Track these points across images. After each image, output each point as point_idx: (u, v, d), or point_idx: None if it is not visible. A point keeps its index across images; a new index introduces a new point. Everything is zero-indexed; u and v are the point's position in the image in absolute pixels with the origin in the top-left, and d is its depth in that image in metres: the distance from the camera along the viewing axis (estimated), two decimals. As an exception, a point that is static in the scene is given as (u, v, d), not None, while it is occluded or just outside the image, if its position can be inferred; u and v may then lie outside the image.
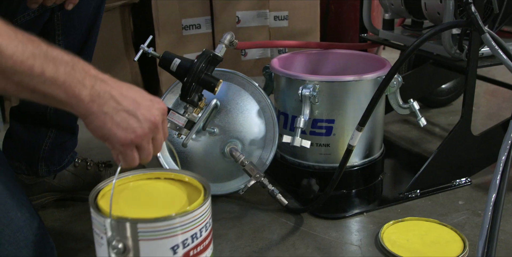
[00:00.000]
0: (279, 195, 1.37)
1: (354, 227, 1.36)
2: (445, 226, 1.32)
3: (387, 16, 1.77)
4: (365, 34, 1.85)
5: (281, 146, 1.49)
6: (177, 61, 1.25)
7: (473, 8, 1.07)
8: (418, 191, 1.48)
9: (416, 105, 1.47)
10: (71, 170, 1.46)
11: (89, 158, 1.51)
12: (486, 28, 1.09)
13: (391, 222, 1.34)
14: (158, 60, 1.27)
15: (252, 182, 1.36)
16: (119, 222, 0.81)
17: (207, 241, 0.89)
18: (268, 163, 1.43)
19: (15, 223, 0.88)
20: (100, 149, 1.83)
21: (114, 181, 0.89)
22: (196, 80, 1.24)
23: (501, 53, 1.09)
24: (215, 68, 1.31)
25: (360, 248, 1.27)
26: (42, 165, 1.41)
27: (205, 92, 1.29)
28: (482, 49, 1.47)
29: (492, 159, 1.59)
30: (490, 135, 1.53)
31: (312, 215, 1.40)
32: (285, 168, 1.53)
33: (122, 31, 2.13)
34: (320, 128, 1.42)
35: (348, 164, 1.39)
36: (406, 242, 1.27)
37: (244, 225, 1.37)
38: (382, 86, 1.22)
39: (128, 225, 0.81)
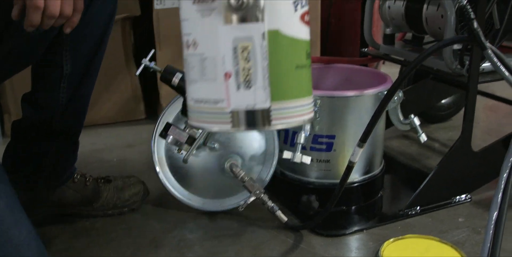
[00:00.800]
0: (279, 211, 1.37)
1: (354, 245, 1.35)
2: (446, 243, 1.31)
3: (388, 31, 1.77)
4: (365, 49, 1.85)
5: (281, 161, 1.48)
6: (178, 76, 1.25)
7: (475, 24, 1.06)
8: (418, 207, 1.47)
9: (416, 121, 1.47)
10: (70, 186, 1.45)
11: (88, 173, 1.50)
12: (488, 44, 1.08)
13: (391, 240, 1.33)
14: (159, 74, 1.27)
15: (252, 199, 1.35)
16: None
17: None
18: (268, 179, 1.42)
19: (14, 241, 0.87)
20: (99, 162, 1.82)
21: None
22: None
23: (503, 69, 1.08)
24: None
25: (360, 265, 1.26)
26: (41, 180, 1.41)
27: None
28: (483, 65, 1.47)
29: (492, 175, 1.59)
30: (490, 151, 1.53)
31: (312, 232, 1.39)
32: (285, 184, 1.52)
33: (122, 44, 2.14)
34: (321, 144, 1.42)
35: (348, 181, 1.39)
36: (407, 260, 1.26)
37: (243, 242, 1.36)
38: (384, 102, 1.22)
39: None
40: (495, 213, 1.04)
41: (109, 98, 2.17)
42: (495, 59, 1.03)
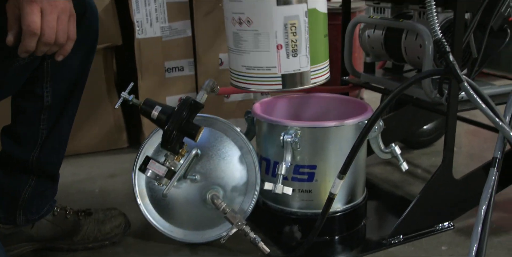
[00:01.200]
0: (261, 243, 1.36)
1: (337, 275, 1.34)
2: (429, 273, 1.31)
3: (368, 59, 1.79)
4: (346, 77, 1.86)
5: (263, 191, 1.47)
6: (158, 108, 1.25)
7: (451, 57, 1.08)
8: (401, 236, 1.47)
9: (397, 150, 1.47)
10: (49, 219, 1.43)
11: (68, 206, 1.49)
12: (464, 76, 1.10)
13: (375, 270, 1.32)
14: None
15: (234, 230, 1.35)
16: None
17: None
18: (249, 210, 1.42)
19: None
20: (80, 194, 1.81)
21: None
22: (177, 128, 1.23)
23: (479, 101, 1.10)
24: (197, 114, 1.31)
25: (344, 297, 1.25)
26: (20, 213, 1.39)
27: (187, 139, 1.28)
28: (462, 93, 1.48)
29: (474, 202, 1.58)
30: (471, 178, 1.53)
31: (295, 263, 1.38)
32: (267, 214, 1.51)
33: (104, 73, 2.13)
34: (302, 174, 1.42)
35: (330, 210, 1.38)
36: (390, 291, 1.25)
37: (225, 274, 1.35)
38: (363, 133, 1.23)
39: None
40: (475, 245, 1.04)
41: (91, 128, 2.16)
42: (471, 92, 1.05)
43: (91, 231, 1.47)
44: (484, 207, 1.08)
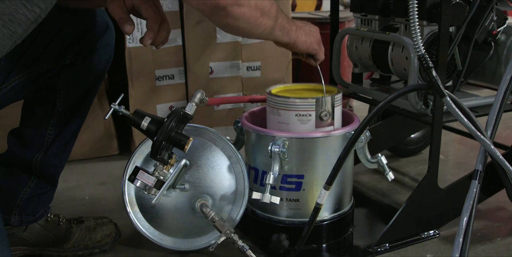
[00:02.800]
0: (249, 251, 1.38)
1: (324, 284, 1.36)
2: (413, 282, 1.34)
3: (356, 70, 1.81)
4: (335, 87, 1.89)
5: (252, 200, 1.50)
6: (147, 120, 1.27)
7: (434, 73, 1.10)
8: (387, 244, 1.49)
9: (384, 160, 1.50)
10: (42, 224, 1.46)
11: (61, 214, 1.51)
12: (446, 91, 1.12)
13: (360, 278, 1.35)
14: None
15: (222, 239, 1.37)
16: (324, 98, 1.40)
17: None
18: (238, 218, 1.44)
19: None
20: (71, 201, 1.82)
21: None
22: (166, 139, 1.25)
23: (461, 115, 1.12)
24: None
25: (329, 305, 1.27)
26: (16, 213, 1.42)
27: (176, 149, 1.30)
28: (446, 105, 1.51)
29: (459, 211, 1.61)
30: (456, 187, 1.56)
31: (282, 271, 1.40)
32: (255, 223, 1.54)
33: (95, 81, 2.15)
34: (290, 183, 1.44)
35: (317, 219, 1.42)
36: (375, 299, 1.27)
37: (214, 282, 1.37)
38: (349, 144, 1.25)
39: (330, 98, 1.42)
40: (457, 255, 1.07)
41: (82, 135, 2.14)
42: (453, 106, 1.07)
43: (82, 239, 1.48)
44: (465, 218, 1.11)
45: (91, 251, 1.49)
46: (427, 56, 1.10)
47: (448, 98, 1.10)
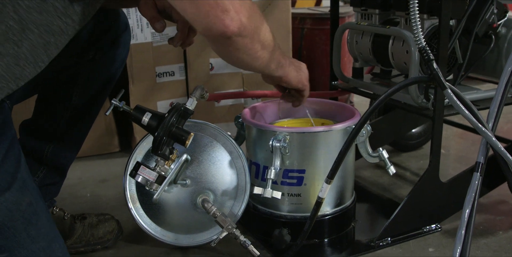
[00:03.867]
0: (251, 246, 1.38)
1: (326, 278, 1.36)
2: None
3: (356, 64, 1.81)
4: (335, 82, 1.89)
5: (253, 195, 1.50)
6: (148, 115, 1.27)
7: (435, 65, 1.10)
8: (389, 238, 1.49)
9: (385, 154, 1.49)
10: None
11: (66, 210, 1.53)
12: (447, 83, 1.12)
13: (363, 272, 1.35)
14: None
15: (224, 234, 1.37)
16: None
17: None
18: (240, 213, 1.44)
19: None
20: (72, 198, 1.82)
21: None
22: (167, 134, 1.25)
23: (462, 107, 1.12)
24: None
25: (332, 299, 1.27)
26: None
27: (177, 145, 1.30)
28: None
29: (460, 204, 1.61)
30: (457, 181, 1.56)
31: (284, 266, 1.40)
32: (257, 218, 1.54)
33: (96, 78, 2.15)
34: (291, 178, 1.44)
35: (319, 213, 1.41)
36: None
37: (216, 277, 1.37)
38: (350, 138, 1.25)
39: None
40: (459, 248, 1.07)
41: (83, 132, 2.17)
42: (455, 98, 1.07)
43: (84, 235, 1.49)
44: (467, 210, 1.11)
45: (93, 248, 1.50)
46: (428, 48, 1.09)
47: (449, 91, 1.10)
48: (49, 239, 1.02)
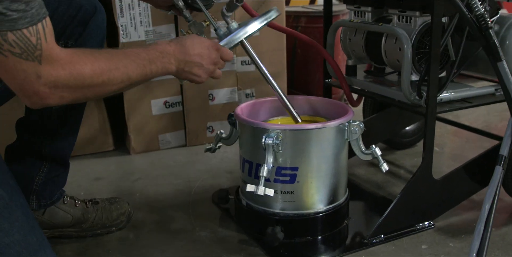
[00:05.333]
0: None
1: (319, 275, 1.37)
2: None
3: (350, 62, 1.81)
4: (329, 80, 1.89)
5: (247, 193, 1.50)
6: None
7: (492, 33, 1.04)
8: (382, 236, 1.50)
9: (378, 151, 1.49)
10: (60, 207, 1.51)
11: (75, 196, 1.57)
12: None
13: (355, 269, 1.35)
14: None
15: None
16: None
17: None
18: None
19: None
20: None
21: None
22: None
23: None
24: None
25: (325, 296, 1.27)
26: (33, 198, 1.46)
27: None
28: (440, 95, 1.51)
29: (454, 202, 1.62)
30: (450, 178, 1.56)
31: (277, 263, 1.40)
32: (250, 215, 1.54)
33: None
34: (284, 175, 1.44)
35: (313, 211, 1.43)
36: (370, 290, 1.27)
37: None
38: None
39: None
40: (477, 243, 1.05)
41: (77, 131, 2.16)
42: (508, 74, 1.01)
43: (99, 218, 1.55)
44: (487, 205, 1.09)
45: (108, 230, 1.56)
46: (486, 16, 1.05)
47: (504, 63, 1.07)
48: (25, 232, 1.01)
